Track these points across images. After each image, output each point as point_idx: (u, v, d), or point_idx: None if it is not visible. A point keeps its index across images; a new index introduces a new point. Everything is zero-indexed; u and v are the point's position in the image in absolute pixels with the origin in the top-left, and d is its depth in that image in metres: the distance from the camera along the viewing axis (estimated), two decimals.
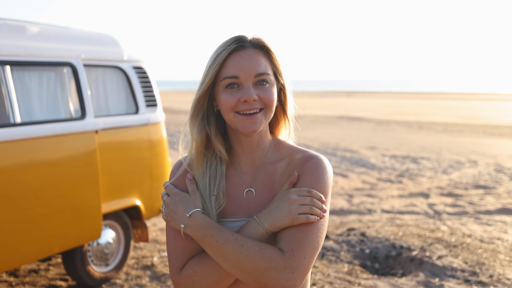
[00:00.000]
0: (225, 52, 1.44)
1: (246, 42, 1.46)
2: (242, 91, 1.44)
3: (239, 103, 1.44)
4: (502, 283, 4.58)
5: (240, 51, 1.45)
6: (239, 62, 1.43)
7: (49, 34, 4.23)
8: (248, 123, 1.45)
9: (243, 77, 1.43)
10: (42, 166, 3.89)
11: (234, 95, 1.44)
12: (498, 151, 14.24)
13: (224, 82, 1.44)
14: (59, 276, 4.88)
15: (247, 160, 1.56)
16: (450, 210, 7.84)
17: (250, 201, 1.52)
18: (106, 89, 4.69)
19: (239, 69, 1.43)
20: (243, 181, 1.55)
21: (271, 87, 1.47)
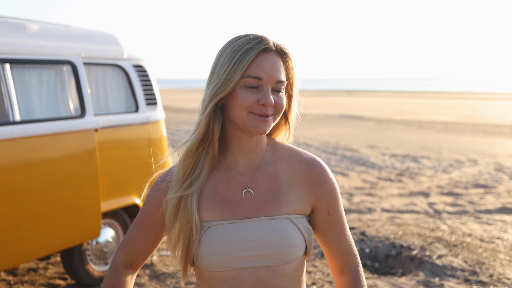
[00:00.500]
0: (255, 50, 1.41)
1: (271, 45, 1.45)
2: (261, 93, 1.43)
3: (256, 105, 1.43)
4: (502, 283, 4.57)
5: (267, 53, 1.44)
6: (265, 64, 1.42)
7: (49, 32, 4.22)
8: (261, 124, 1.43)
9: (266, 80, 1.42)
10: (41, 165, 3.88)
11: (253, 96, 1.42)
12: (498, 150, 14.24)
13: (246, 81, 1.42)
14: (58, 275, 4.88)
15: (243, 161, 1.54)
16: (450, 209, 7.83)
17: (249, 201, 1.50)
18: (106, 88, 4.68)
19: (264, 71, 1.42)
20: (240, 182, 1.52)
21: (283, 94, 1.48)
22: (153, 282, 4.70)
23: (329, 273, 4.83)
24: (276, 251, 1.46)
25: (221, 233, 1.46)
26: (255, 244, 1.46)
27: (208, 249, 1.45)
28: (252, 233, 1.46)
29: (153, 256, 5.34)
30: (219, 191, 1.51)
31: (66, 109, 4.23)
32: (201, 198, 1.50)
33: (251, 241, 1.46)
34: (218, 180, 1.53)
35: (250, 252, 1.45)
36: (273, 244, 1.46)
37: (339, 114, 27.31)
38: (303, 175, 1.54)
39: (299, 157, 1.58)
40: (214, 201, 1.50)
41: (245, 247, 1.45)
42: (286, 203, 1.50)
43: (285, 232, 1.47)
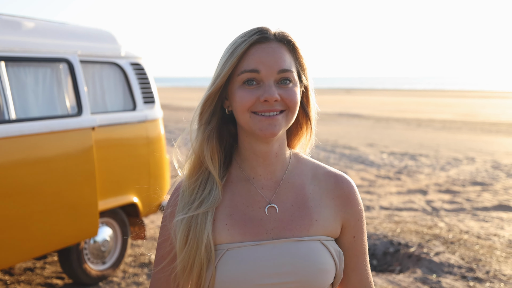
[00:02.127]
0: (246, 43, 1.25)
1: (270, 34, 1.27)
2: (262, 89, 1.24)
3: (258, 102, 1.24)
4: (498, 279, 4.58)
5: (263, 44, 1.26)
6: (261, 55, 1.24)
7: (45, 29, 4.22)
8: (267, 125, 1.24)
9: (264, 72, 1.24)
10: (38, 163, 3.88)
11: (253, 93, 1.24)
12: (495, 148, 14.27)
13: (242, 77, 1.25)
14: (55, 274, 4.87)
15: (264, 173, 1.34)
16: (448, 206, 7.85)
17: (273, 219, 1.30)
18: (103, 86, 4.68)
19: (260, 63, 1.24)
20: (262, 197, 1.32)
21: (294, 87, 1.28)
22: None
23: None
24: (305, 278, 1.26)
25: (243, 257, 1.25)
26: (281, 270, 1.25)
27: (226, 277, 1.24)
28: (279, 256, 1.26)
29: (151, 255, 5.34)
30: (238, 207, 1.31)
31: (63, 107, 4.23)
32: (218, 216, 1.30)
33: (277, 266, 1.25)
34: (236, 194, 1.33)
35: (276, 279, 1.25)
36: (302, 270, 1.25)
37: (338, 112, 27.31)
38: (332, 191, 1.36)
39: (326, 171, 1.40)
40: (233, 219, 1.30)
41: (270, 273, 1.25)
42: (316, 221, 1.31)
43: (317, 256, 1.27)
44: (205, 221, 1.27)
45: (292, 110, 1.28)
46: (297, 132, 1.44)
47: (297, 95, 1.28)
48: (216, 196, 1.30)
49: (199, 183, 1.33)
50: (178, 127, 18.19)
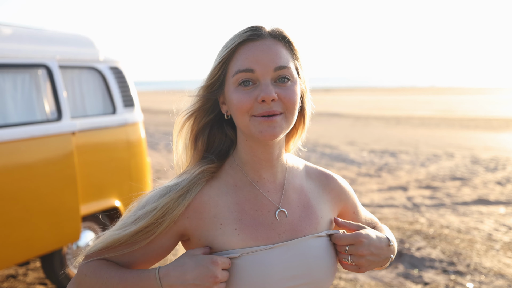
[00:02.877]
0: (238, 41, 1.19)
1: (263, 31, 1.21)
2: (258, 88, 1.19)
3: (256, 104, 1.19)
4: (478, 272, 4.67)
5: (256, 41, 1.20)
6: (255, 53, 1.18)
7: (22, 35, 4.19)
8: (267, 126, 1.19)
9: (259, 70, 1.18)
10: (18, 170, 3.85)
11: (250, 94, 1.19)
12: (473, 143, 14.49)
13: (237, 78, 1.19)
14: (38, 280, 4.84)
15: (268, 176, 1.32)
16: (428, 202, 7.95)
17: (284, 223, 1.29)
18: (83, 90, 4.66)
19: (254, 61, 1.18)
20: (270, 201, 1.30)
21: (293, 85, 1.22)
22: None
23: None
24: (319, 278, 1.28)
25: (260, 262, 1.22)
26: (298, 272, 1.25)
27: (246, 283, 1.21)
28: (294, 258, 1.25)
29: None
30: (247, 212, 1.27)
31: (42, 113, 4.20)
32: (224, 220, 1.25)
33: (293, 267, 1.25)
34: (243, 199, 1.29)
35: (294, 282, 1.25)
36: (316, 270, 1.28)
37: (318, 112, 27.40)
38: (327, 186, 1.41)
39: (315, 169, 1.45)
40: (243, 223, 1.25)
41: (288, 276, 1.24)
42: (321, 218, 1.34)
43: (327, 254, 1.30)
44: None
45: (291, 111, 1.22)
46: (293, 131, 1.41)
47: (296, 94, 1.23)
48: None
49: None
50: (158, 130, 18.14)
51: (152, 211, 1.21)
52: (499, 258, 5.07)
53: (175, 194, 1.23)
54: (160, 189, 1.27)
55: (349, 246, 1.28)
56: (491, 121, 20.97)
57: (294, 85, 1.22)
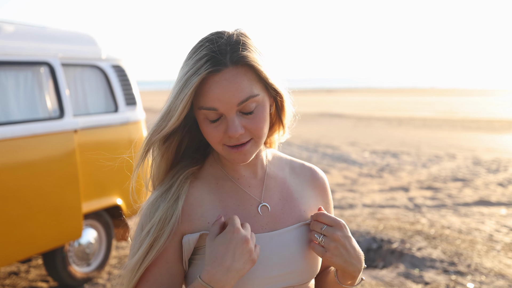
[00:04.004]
0: (197, 78, 1.15)
1: (222, 62, 1.15)
2: (224, 122, 1.18)
3: (225, 136, 1.19)
4: (479, 272, 4.67)
5: (216, 76, 1.15)
6: (215, 91, 1.15)
7: (25, 33, 4.20)
8: (237, 155, 1.21)
9: (222, 108, 1.16)
10: (20, 167, 3.86)
11: (218, 129, 1.19)
12: (475, 144, 14.47)
13: (202, 113, 1.19)
14: (40, 277, 4.85)
15: (247, 173, 1.34)
16: (430, 203, 7.94)
17: (266, 216, 1.31)
18: (85, 88, 4.67)
19: (216, 100, 1.15)
20: (251, 196, 1.32)
21: (260, 110, 1.20)
22: None
23: None
24: (303, 266, 1.29)
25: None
26: (282, 261, 1.26)
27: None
28: (278, 248, 1.27)
29: None
30: (230, 207, 1.29)
31: (45, 111, 4.21)
32: (212, 219, 1.26)
33: (277, 256, 1.26)
34: (225, 195, 1.31)
35: (278, 271, 1.26)
36: (300, 258, 1.28)
37: (320, 112, 27.45)
38: (311, 182, 1.43)
39: (301, 164, 1.46)
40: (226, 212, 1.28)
41: (272, 264, 1.25)
42: (304, 212, 1.35)
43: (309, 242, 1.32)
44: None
45: (260, 136, 1.22)
46: (272, 132, 1.41)
47: (263, 120, 1.21)
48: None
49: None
50: None
51: (151, 228, 1.23)
52: (500, 258, 5.07)
53: (167, 204, 1.24)
54: (149, 205, 1.27)
55: (326, 226, 1.26)
56: (493, 122, 20.95)
57: (260, 110, 1.21)
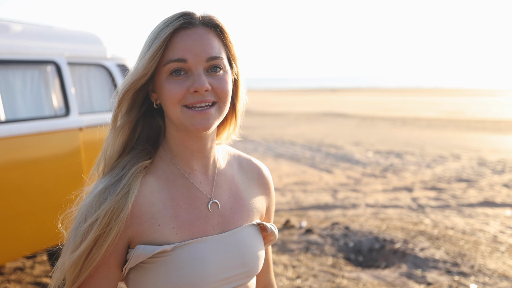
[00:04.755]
0: (169, 29, 1.16)
1: (195, 19, 1.19)
2: (191, 78, 1.17)
3: (188, 94, 1.17)
4: (483, 273, 4.68)
5: (188, 30, 1.17)
6: (187, 42, 1.16)
7: (32, 32, 4.24)
8: (199, 119, 1.18)
9: (192, 60, 1.16)
10: (27, 164, 3.90)
11: (182, 84, 1.17)
12: (480, 145, 14.45)
13: (168, 68, 1.17)
14: (45, 273, 4.90)
15: (199, 168, 1.30)
16: (433, 203, 7.95)
17: (217, 215, 1.28)
18: (90, 87, 4.71)
19: (187, 51, 1.15)
20: (202, 193, 1.29)
21: (225, 74, 1.21)
22: None
23: (313, 267, 4.90)
24: (251, 267, 1.30)
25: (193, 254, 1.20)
26: (233, 263, 1.26)
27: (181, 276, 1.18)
28: (228, 250, 1.26)
29: None
30: (182, 207, 1.25)
31: (51, 109, 4.25)
32: (162, 219, 1.21)
33: (228, 259, 1.25)
34: (176, 193, 1.26)
35: (229, 273, 1.25)
36: (249, 260, 1.29)
37: (324, 112, 27.45)
38: (257, 180, 1.42)
39: (247, 160, 1.44)
40: (179, 220, 1.23)
41: (224, 267, 1.24)
42: (252, 211, 1.35)
43: (259, 241, 1.34)
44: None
45: (224, 101, 1.22)
46: (224, 122, 1.37)
47: (228, 84, 1.22)
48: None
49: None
50: None
51: (96, 221, 1.14)
52: (504, 260, 5.07)
53: (116, 197, 1.16)
54: (96, 195, 1.19)
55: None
56: (499, 123, 20.89)
57: (226, 74, 1.21)
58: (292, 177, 10.11)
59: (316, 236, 5.81)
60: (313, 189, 9.04)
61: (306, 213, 7.32)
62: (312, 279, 4.63)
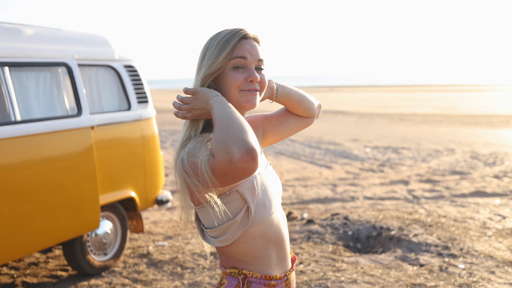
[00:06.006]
0: (236, 37, 1.68)
1: (249, 34, 1.72)
2: (247, 71, 1.68)
3: (245, 82, 1.68)
4: (471, 255, 4.97)
5: (247, 39, 1.71)
6: (247, 46, 1.68)
7: (44, 36, 4.50)
8: (252, 97, 1.70)
9: (250, 59, 1.68)
10: (42, 162, 4.15)
11: (242, 74, 1.67)
12: (474, 139, 14.75)
13: (234, 62, 1.67)
14: (59, 267, 5.15)
15: None
16: (428, 194, 8.24)
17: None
18: (100, 87, 4.97)
19: (247, 52, 1.67)
20: None
21: (265, 73, 1.76)
22: (151, 269, 5.01)
23: (315, 254, 5.18)
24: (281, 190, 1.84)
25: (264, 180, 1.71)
26: (276, 183, 1.79)
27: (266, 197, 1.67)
28: (272, 174, 1.80)
29: (149, 247, 5.64)
30: None
31: (63, 109, 4.51)
32: None
33: (274, 180, 1.79)
34: None
35: (277, 189, 1.78)
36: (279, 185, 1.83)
37: (323, 109, 27.67)
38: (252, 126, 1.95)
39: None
40: None
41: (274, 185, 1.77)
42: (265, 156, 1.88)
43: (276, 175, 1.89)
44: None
45: (263, 90, 1.75)
46: None
47: (266, 80, 1.76)
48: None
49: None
50: (164, 129, 18.41)
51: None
52: (491, 243, 5.37)
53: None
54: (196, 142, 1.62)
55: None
56: (492, 117, 21.21)
57: (265, 72, 1.75)
58: (293, 173, 10.38)
59: (317, 226, 6.09)
60: (313, 184, 9.31)
61: (307, 206, 7.60)
62: (314, 264, 4.91)
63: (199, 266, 5.04)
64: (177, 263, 5.12)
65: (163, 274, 4.89)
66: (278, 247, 1.73)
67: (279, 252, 1.74)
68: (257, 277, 1.68)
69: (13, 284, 4.69)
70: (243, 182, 1.61)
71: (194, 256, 5.31)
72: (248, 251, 1.67)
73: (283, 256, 1.76)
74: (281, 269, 1.75)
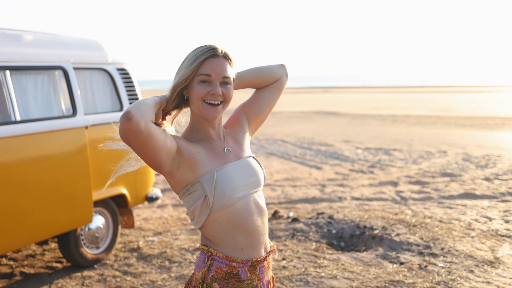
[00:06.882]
0: (205, 55, 1.93)
1: (219, 52, 1.96)
2: (211, 86, 1.93)
3: (208, 94, 1.94)
4: (451, 254, 5.17)
5: (214, 58, 1.95)
6: (212, 65, 1.93)
7: (41, 41, 4.71)
8: (211, 111, 1.96)
9: (214, 76, 1.93)
10: (39, 159, 4.38)
11: (205, 88, 1.93)
12: (467, 141, 14.86)
13: (200, 77, 1.92)
14: (54, 259, 5.37)
15: (214, 134, 2.06)
16: (416, 196, 8.39)
17: (230, 154, 2.06)
18: (94, 89, 5.19)
19: (212, 70, 1.92)
20: (219, 146, 2.05)
21: (231, 86, 2.00)
22: (141, 262, 5.22)
23: (298, 251, 5.39)
24: (259, 177, 2.05)
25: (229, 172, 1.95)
26: (248, 174, 2.00)
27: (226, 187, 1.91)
28: (245, 166, 2.02)
29: (140, 242, 5.84)
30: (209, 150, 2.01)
31: (59, 109, 4.72)
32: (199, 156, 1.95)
33: (246, 172, 2.00)
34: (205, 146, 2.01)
35: (248, 180, 1.99)
36: (257, 173, 2.04)
37: (315, 110, 27.93)
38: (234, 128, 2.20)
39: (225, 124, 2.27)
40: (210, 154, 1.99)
41: (244, 177, 1.99)
42: (247, 148, 2.15)
43: (258, 165, 2.11)
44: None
45: (228, 102, 2.00)
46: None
47: (232, 92, 2.00)
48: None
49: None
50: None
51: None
52: (473, 243, 5.56)
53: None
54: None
55: None
56: (487, 119, 21.28)
57: (231, 86, 2.00)
58: (283, 174, 10.56)
59: (301, 224, 6.29)
60: (302, 185, 9.49)
61: (295, 206, 7.80)
62: (296, 260, 5.12)
63: (186, 260, 5.26)
64: (165, 257, 5.34)
65: (152, 267, 5.11)
66: (246, 234, 1.96)
67: (247, 239, 1.97)
68: (219, 257, 1.95)
69: (12, 274, 4.95)
70: (204, 174, 1.92)
71: (181, 251, 5.53)
72: (215, 234, 1.95)
73: (252, 243, 1.99)
74: (246, 255, 1.97)
